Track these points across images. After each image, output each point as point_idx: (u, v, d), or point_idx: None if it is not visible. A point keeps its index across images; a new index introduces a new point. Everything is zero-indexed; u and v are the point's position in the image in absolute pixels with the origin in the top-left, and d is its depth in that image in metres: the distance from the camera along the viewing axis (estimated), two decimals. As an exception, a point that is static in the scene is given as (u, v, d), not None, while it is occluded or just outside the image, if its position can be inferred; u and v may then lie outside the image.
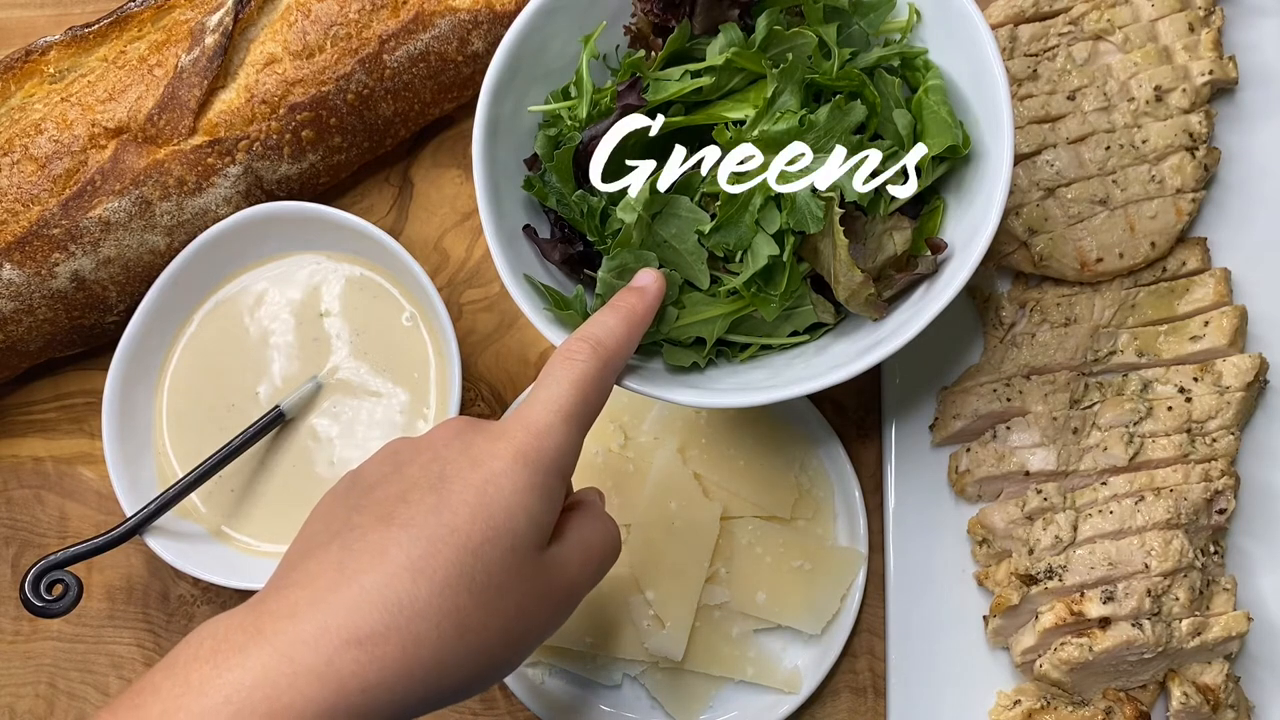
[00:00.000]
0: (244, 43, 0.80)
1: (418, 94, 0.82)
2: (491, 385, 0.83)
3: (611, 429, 0.78)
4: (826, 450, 0.78)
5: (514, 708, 0.79)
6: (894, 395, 0.77)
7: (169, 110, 0.78)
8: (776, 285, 0.63)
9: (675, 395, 0.63)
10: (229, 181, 0.79)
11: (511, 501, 0.52)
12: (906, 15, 0.66)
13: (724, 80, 0.64)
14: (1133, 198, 0.74)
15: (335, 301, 0.81)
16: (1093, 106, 0.75)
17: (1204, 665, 0.70)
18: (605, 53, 0.70)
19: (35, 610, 0.71)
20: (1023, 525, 0.73)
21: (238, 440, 0.76)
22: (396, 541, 0.50)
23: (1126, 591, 0.69)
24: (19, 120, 0.80)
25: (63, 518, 0.84)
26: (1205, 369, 0.73)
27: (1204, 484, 0.71)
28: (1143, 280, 0.76)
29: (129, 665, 0.81)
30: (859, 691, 0.77)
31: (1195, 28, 0.76)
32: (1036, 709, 0.71)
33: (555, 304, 0.65)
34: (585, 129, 0.65)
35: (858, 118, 0.62)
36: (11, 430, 0.85)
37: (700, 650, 0.75)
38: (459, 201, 0.86)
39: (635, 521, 0.76)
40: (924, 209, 0.67)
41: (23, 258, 0.77)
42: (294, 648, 0.47)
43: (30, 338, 0.81)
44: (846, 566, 0.76)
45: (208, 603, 0.82)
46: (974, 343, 0.78)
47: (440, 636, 0.49)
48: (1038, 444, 0.73)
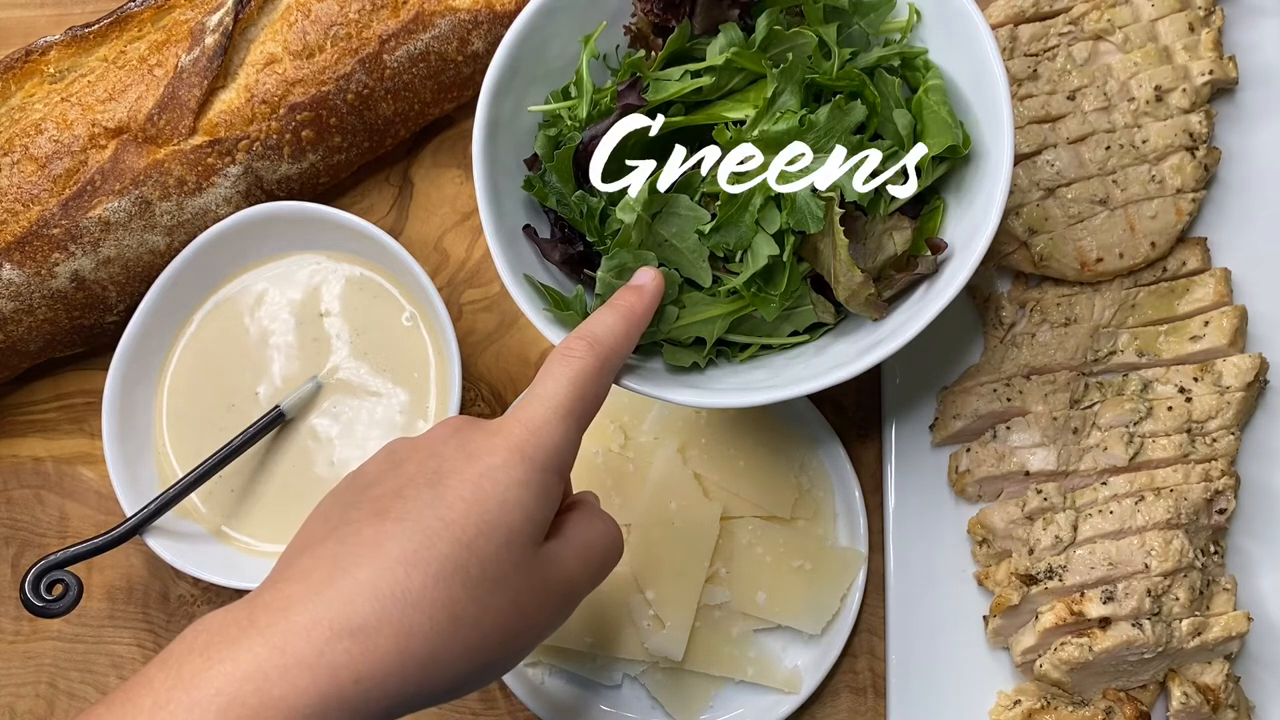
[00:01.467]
0: (244, 43, 0.80)
1: (418, 94, 0.82)
2: (491, 385, 0.83)
3: (611, 429, 0.78)
4: (826, 450, 0.78)
5: (514, 707, 0.79)
6: (894, 395, 0.77)
7: (169, 110, 0.78)
8: (776, 285, 0.63)
9: (675, 395, 0.63)
10: (229, 181, 0.79)
11: (507, 496, 0.52)
12: (906, 15, 0.66)
13: (724, 80, 0.64)
14: (1133, 198, 0.74)
15: (335, 301, 0.81)
16: (1093, 106, 0.75)
17: (1204, 665, 0.70)
18: (605, 53, 0.70)
19: (35, 610, 0.71)
20: (1023, 525, 0.73)
21: (238, 440, 0.76)
22: (391, 535, 0.50)
23: (1126, 591, 0.69)
24: (19, 120, 0.80)
25: (63, 518, 0.84)
26: (1205, 369, 0.73)
27: (1204, 484, 0.71)
28: (1143, 280, 0.76)
29: (129, 665, 0.81)
30: (859, 691, 0.77)
31: (1195, 28, 0.76)
32: (1036, 709, 0.71)
33: (555, 304, 0.65)
34: (585, 129, 0.65)
35: (858, 118, 0.62)
36: (11, 430, 0.85)
37: (700, 650, 0.75)
38: (459, 201, 0.86)
39: (635, 521, 0.76)
40: (924, 209, 0.67)
41: (23, 258, 0.77)
42: (286, 639, 0.47)
43: (30, 338, 0.81)
44: (846, 566, 0.76)
45: (208, 602, 0.82)
46: (974, 343, 0.78)
47: (434, 629, 0.49)
48: (1038, 444, 0.73)
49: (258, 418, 0.77)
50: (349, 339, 0.80)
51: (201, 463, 0.76)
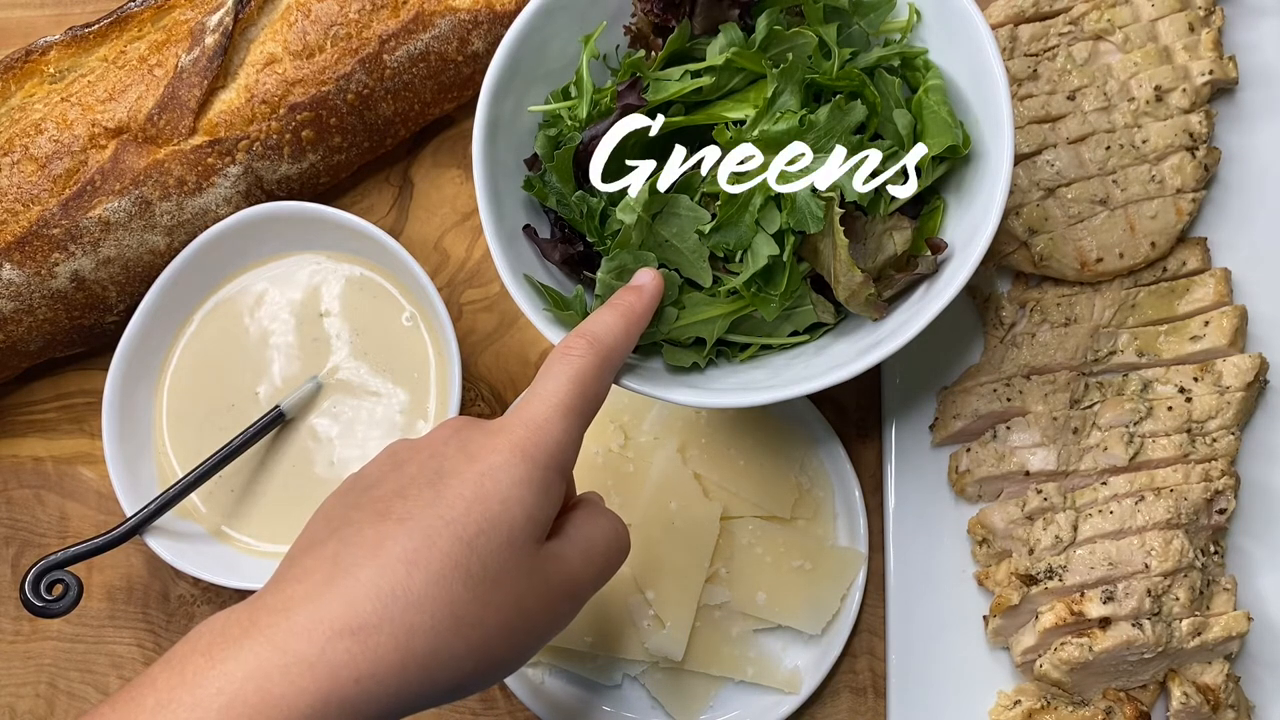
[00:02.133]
0: (244, 43, 0.80)
1: (418, 94, 0.82)
2: (491, 385, 0.83)
3: (611, 429, 0.78)
4: (826, 450, 0.78)
5: (514, 708, 0.79)
6: (894, 395, 0.77)
7: (169, 110, 0.78)
8: (776, 285, 0.63)
9: (675, 395, 0.63)
10: (229, 181, 0.79)
11: (508, 494, 0.52)
12: (906, 15, 0.66)
13: (724, 80, 0.64)
14: (1133, 198, 0.74)
15: (335, 301, 0.81)
16: (1093, 106, 0.75)
17: (1204, 665, 0.70)
18: (605, 53, 0.70)
19: (35, 610, 0.71)
20: (1023, 525, 0.73)
21: (238, 440, 0.76)
22: (392, 535, 0.50)
23: (1126, 591, 0.69)
24: (19, 120, 0.80)
25: (63, 518, 0.84)
26: (1205, 369, 0.73)
27: (1204, 484, 0.71)
28: (1143, 280, 0.76)
29: (129, 665, 0.81)
30: (859, 691, 0.77)
31: (1195, 28, 0.76)
32: (1036, 709, 0.71)
33: (555, 304, 0.65)
34: (585, 129, 0.65)
35: (858, 118, 0.62)
36: (11, 430, 0.85)
37: (700, 650, 0.75)
38: (459, 201, 0.86)
39: (635, 521, 0.76)
40: (924, 209, 0.67)
41: (23, 258, 0.77)
42: (288, 639, 0.47)
43: (30, 338, 0.81)
44: (846, 566, 0.76)
45: (208, 603, 0.82)
46: (974, 343, 0.78)
47: (435, 628, 0.49)
48: (1038, 444, 0.73)
49: (258, 418, 0.77)
50: (349, 339, 0.80)
51: (201, 463, 0.76)
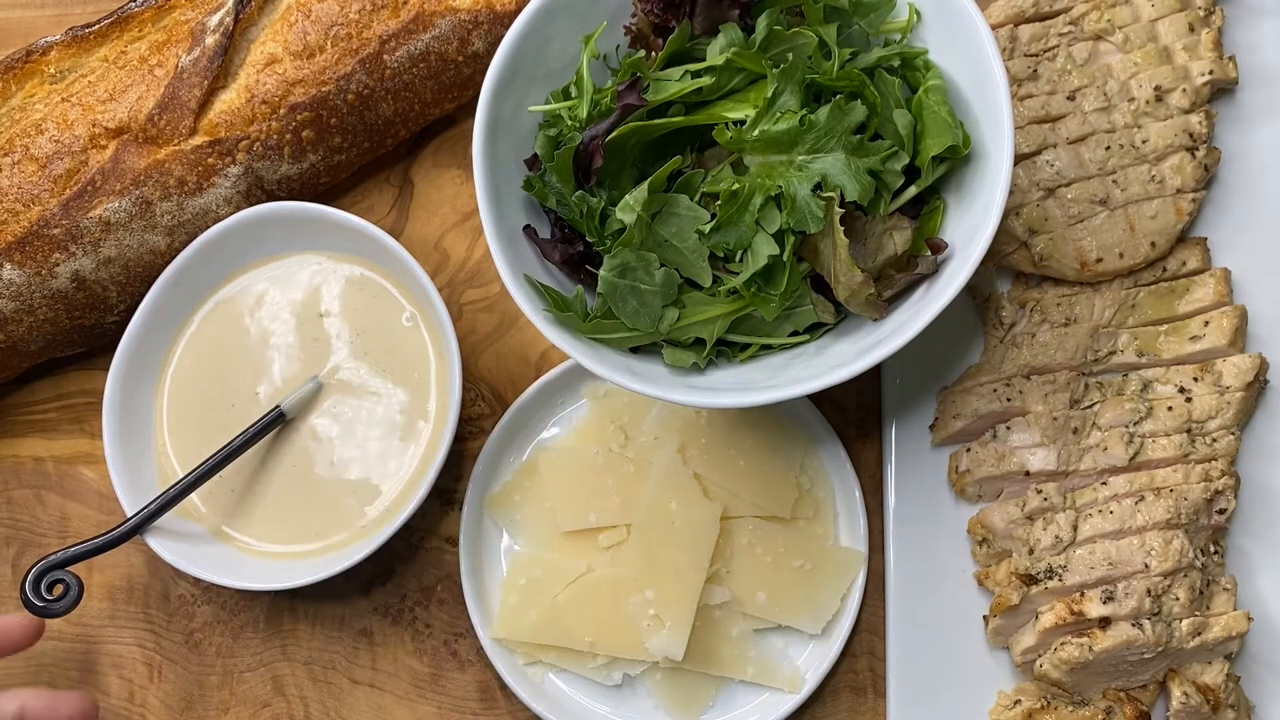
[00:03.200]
0: (244, 43, 0.80)
1: (418, 94, 0.82)
2: (491, 385, 0.83)
3: (611, 429, 0.78)
4: (826, 450, 0.78)
5: (514, 707, 0.79)
6: (894, 395, 0.77)
7: (169, 110, 0.78)
8: (776, 285, 0.63)
9: (675, 395, 0.63)
10: (229, 181, 0.79)
11: None
12: (906, 15, 0.66)
13: (724, 80, 0.64)
14: (1133, 198, 0.74)
15: (335, 301, 0.81)
16: (1093, 106, 0.75)
17: (1204, 665, 0.70)
18: (605, 53, 0.70)
19: (36, 610, 0.71)
20: (1023, 525, 0.73)
21: (238, 440, 0.76)
22: None
23: (1126, 591, 0.69)
24: (19, 120, 0.80)
25: (63, 518, 0.84)
26: (1205, 369, 0.73)
27: (1204, 484, 0.71)
28: (1143, 280, 0.76)
29: (129, 665, 0.81)
30: (859, 691, 0.77)
31: (1195, 28, 0.76)
32: (1036, 709, 0.71)
33: (555, 304, 0.65)
34: (585, 129, 0.65)
35: (858, 118, 0.62)
36: (12, 430, 0.85)
37: (700, 650, 0.75)
38: (459, 201, 0.86)
39: (635, 521, 0.76)
40: (924, 209, 0.67)
41: (23, 258, 0.77)
42: None
43: (31, 338, 0.81)
44: (847, 566, 0.76)
45: (208, 603, 0.82)
46: (974, 343, 0.78)
47: None
48: (1038, 444, 0.73)
49: (258, 418, 0.77)
50: (349, 339, 0.80)
51: (202, 463, 0.76)
